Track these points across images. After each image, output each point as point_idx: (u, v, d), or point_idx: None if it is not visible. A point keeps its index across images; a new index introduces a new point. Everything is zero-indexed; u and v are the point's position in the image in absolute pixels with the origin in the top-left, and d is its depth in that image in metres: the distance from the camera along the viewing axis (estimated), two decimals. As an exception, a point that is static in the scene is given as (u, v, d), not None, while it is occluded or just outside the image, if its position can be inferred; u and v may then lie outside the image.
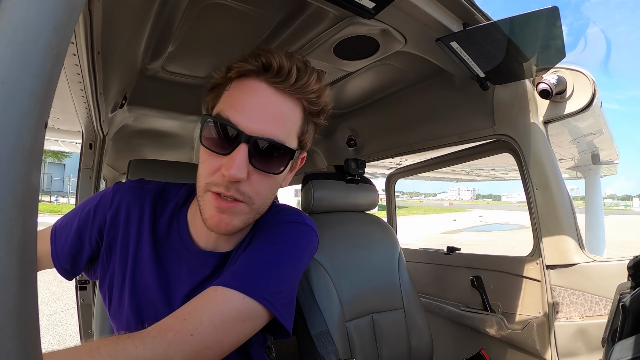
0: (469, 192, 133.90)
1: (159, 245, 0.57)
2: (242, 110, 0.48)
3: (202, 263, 0.57)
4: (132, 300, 0.56)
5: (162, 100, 1.56)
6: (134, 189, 0.60)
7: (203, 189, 0.50)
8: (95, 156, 1.56)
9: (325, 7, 0.85)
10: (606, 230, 4.04)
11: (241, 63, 0.49)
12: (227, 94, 0.51)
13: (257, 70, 0.49)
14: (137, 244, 0.57)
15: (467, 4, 0.87)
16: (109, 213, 0.58)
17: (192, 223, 0.58)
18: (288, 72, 0.49)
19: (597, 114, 1.64)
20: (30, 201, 0.20)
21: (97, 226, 0.57)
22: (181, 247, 0.57)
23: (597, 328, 0.99)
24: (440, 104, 1.42)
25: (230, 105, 0.49)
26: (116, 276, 0.58)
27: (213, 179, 0.49)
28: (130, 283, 0.57)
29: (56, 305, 3.81)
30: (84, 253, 0.58)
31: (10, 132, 0.18)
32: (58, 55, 0.21)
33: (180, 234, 0.58)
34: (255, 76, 0.49)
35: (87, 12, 0.70)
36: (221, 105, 0.50)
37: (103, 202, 0.59)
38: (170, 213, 0.59)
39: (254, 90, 0.49)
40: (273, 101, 0.50)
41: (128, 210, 0.58)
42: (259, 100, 0.49)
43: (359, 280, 1.11)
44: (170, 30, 1.04)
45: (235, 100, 0.49)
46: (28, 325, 0.19)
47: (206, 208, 0.50)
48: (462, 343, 1.46)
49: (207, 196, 0.50)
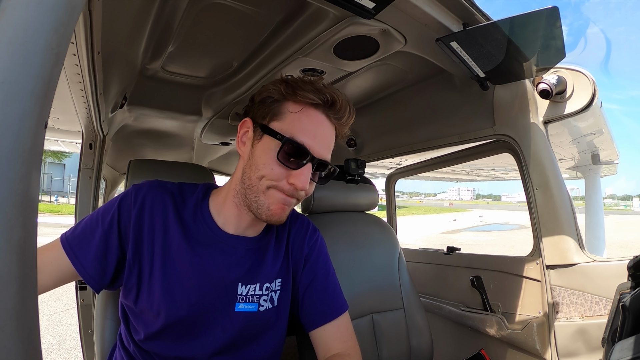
0: (469, 192, 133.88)
1: (189, 233, 0.64)
2: (314, 138, 0.60)
3: (234, 246, 0.66)
4: (164, 287, 0.61)
5: (162, 100, 1.56)
6: (154, 186, 0.66)
7: (266, 187, 0.60)
8: (95, 156, 1.56)
9: (325, 7, 0.85)
10: (606, 230, 4.04)
11: (308, 95, 0.60)
12: (294, 117, 0.60)
13: (323, 104, 0.61)
14: (165, 233, 0.63)
15: (467, 4, 0.87)
16: (133, 210, 0.63)
17: (219, 214, 0.67)
18: (344, 110, 0.63)
19: (597, 114, 1.63)
20: (30, 201, 0.20)
21: (123, 225, 0.62)
22: (210, 234, 0.65)
23: (597, 328, 0.99)
24: (440, 104, 1.42)
25: (302, 131, 0.60)
26: (144, 267, 0.62)
27: (279, 184, 0.60)
28: (160, 271, 0.61)
29: (56, 305, 3.81)
30: (110, 256, 0.61)
31: (10, 132, 0.18)
32: (58, 55, 0.21)
33: (208, 223, 0.66)
34: (319, 109, 0.61)
35: (87, 12, 0.70)
36: (292, 129, 0.60)
37: (126, 201, 0.64)
38: (193, 206, 0.67)
39: (321, 122, 0.62)
40: (331, 132, 0.64)
41: (152, 204, 0.64)
42: (323, 131, 0.62)
43: (359, 280, 1.11)
44: (170, 30, 1.04)
45: (307, 127, 0.60)
46: (28, 325, 0.19)
47: (270, 202, 0.61)
48: (462, 343, 1.46)
49: (272, 192, 0.61)
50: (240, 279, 0.65)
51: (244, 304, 0.65)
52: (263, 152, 0.61)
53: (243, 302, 0.65)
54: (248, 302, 0.65)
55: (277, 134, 0.59)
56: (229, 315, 0.64)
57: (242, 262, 0.66)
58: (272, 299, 0.68)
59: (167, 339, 0.62)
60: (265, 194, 0.61)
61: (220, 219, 0.67)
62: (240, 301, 0.65)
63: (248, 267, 0.66)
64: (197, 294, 0.62)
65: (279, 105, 0.61)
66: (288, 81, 0.62)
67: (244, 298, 0.65)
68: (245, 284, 0.65)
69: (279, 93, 0.61)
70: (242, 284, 0.65)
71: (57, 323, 3.30)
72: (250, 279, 0.66)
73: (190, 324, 0.62)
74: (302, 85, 0.61)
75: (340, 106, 0.62)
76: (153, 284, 0.61)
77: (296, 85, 0.61)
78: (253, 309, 0.66)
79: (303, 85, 0.60)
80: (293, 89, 0.60)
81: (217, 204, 0.68)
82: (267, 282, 0.67)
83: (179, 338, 0.62)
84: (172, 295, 0.61)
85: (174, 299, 0.61)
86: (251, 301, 0.66)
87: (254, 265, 0.67)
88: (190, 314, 0.61)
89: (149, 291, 0.61)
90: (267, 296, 0.68)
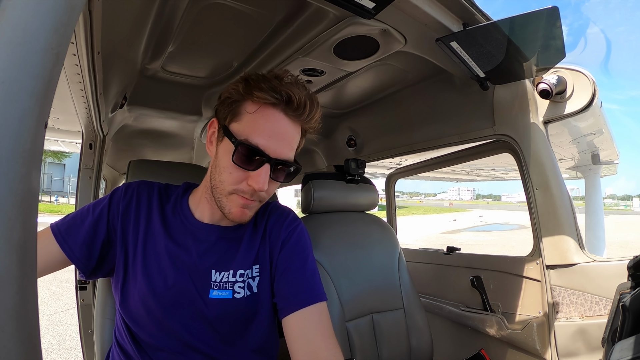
0: (469, 192, 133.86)
1: (167, 223, 0.69)
2: (269, 138, 0.60)
3: (207, 234, 0.69)
4: (144, 270, 0.64)
5: (162, 100, 1.56)
6: (143, 184, 0.72)
7: (228, 192, 0.62)
8: (95, 156, 1.56)
9: (325, 7, 0.85)
10: (606, 230, 4.04)
11: (264, 95, 0.58)
12: (250, 118, 0.60)
13: (279, 103, 0.59)
14: (148, 223, 0.68)
15: (467, 4, 0.87)
16: (122, 203, 0.68)
17: (197, 208, 0.71)
18: (303, 107, 0.61)
19: (597, 114, 1.64)
20: (30, 201, 0.20)
21: (112, 215, 0.67)
22: (186, 223, 0.69)
23: (597, 328, 0.99)
24: (440, 104, 1.42)
25: (256, 131, 0.59)
26: (129, 253, 0.66)
27: (239, 187, 0.62)
28: (142, 256, 0.65)
29: (56, 305, 3.81)
30: (97, 241, 0.65)
31: (10, 132, 0.18)
32: (58, 55, 0.21)
33: (185, 214, 0.70)
34: (277, 107, 0.60)
35: (87, 12, 0.70)
36: (247, 130, 0.60)
37: (116, 195, 0.69)
38: (173, 201, 0.72)
39: (277, 120, 0.60)
40: (290, 130, 0.62)
41: (139, 198, 0.69)
42: (281, 130, 0.61)
43: (359, 280, 1.11)
44: (170, 30, 1.04)
45: (262, 127, 0.60)
46: (28, 325, 0.19)
47: (231, 205, 0.63)
48: (462, 343, 1.46)
49: (233, 197, 0.63)
50: (213, 266, 0.67)
51: (217, 290, 0.66)
52: (223, 155, 0.62)
53: (217, 288, 0.66)
54: (222, 289, 0.66)
55: (232, 137, 0.60)
56: (205, 301, 0.65)
57: (215, 249, 0.68)
58: (250, 285, 0.68)
59: (153, 325, 0.64)
60: (227, 198, 0.63)
61: (197, 212, 0.70)
62: (214, 287, 0.66)
63: (221, 254, 0.68)
64: (172, 277, 0.64)
65: (237, 105, 0.61)
66: (248, 79, 0.61)
67: (218, 285, 0.66)
68: (218, 271, 0.67)
69: (237, 93, 0.61)
70: (216, 271, 0.67)
71: (57, 323, 3.30)
72: (223, 266, 0.67)
73: (169, 305, 0.64)
74: (260, 84, 0.59)
75: (298, 103, 0.60)
76: (136, 269, 0.65)
77: (254, 85, 0.60)
78: (227, 296, 0.66)
79: (261, 84, 0.59)
80: (250, 88, 0.60)
81: (195, 199, 0.72)
82: (240, 269, 0.68)
83: (162, 323, 0.64)
84: (151, 278, 0.64)
85: (151, 281, 0.64)
86: (224, 288, 0.66)
87: (228, 252, 0.69)
88: (168, 295, 0.64)
89: (133, 276, 0.65)
90: (243, 283, 0.67)
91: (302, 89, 0.61)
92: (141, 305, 0.64)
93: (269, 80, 0.60)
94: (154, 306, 0.63)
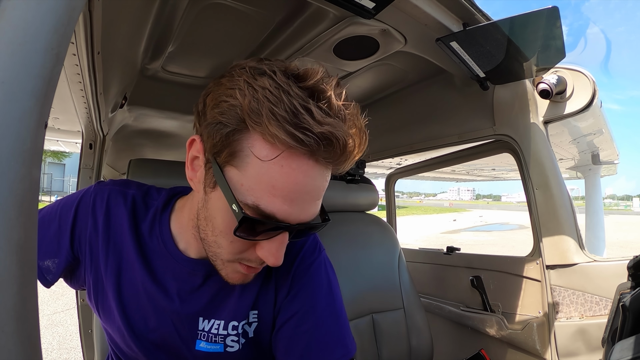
0: (469, 192, 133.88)
1: (144, 246, 0.53)
2: (291, 201, 0.39)
3: (192, 272, 0.52)
4: (119, 305, 0.52)
5: (162, 100, 1.56)
6: (115, 192, 0.55)
7: (227, 259, 0.45)
8: (95, 156, 1.56)
9: (325, 7, 0.85)
10: (606, 230, 4.04)
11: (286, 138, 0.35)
12: (262, 169, 0.37)
13: (311, 148, 0.36)
14: (121, 247, 0.53)
15: (467, 4, 0.87)
16: (90, 218, 0.53)
17: (180, 236, 0.53)
18: (349, 153, 0.39)
19: (597, 114, 1.64)
20: (30, 201, 0.20)
21: (78, 231, 0.53)
22: (166, 254, 0.52)
23: (597, 328, 0.99)
24: (440, 104, 1.42)
25: (272, 192, 0.38)
26: (100, 282, 0.53)
27: (244, 256, 0.45)
28: (115, 290, 0.52)
29: (56, 305, 3.81)
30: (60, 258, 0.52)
31: (10, 132, 0.18)
32: (58, 55, 0.21)
33: (165, 241, 0.52)
34: (308, 154, 0.37)
35: (87, 12, 0.70)
36: (257, 188, 0.38)
37: (83, 206, 0.54)
38: (151, 217, 0.54)
39: (303, 172, 0.38)
40: (322, 183, 0.41)
41: (108, 213, 0.53)
42: (308, 187, 0.39)
43: (359, 280, 1.11)
44: (170, 30, 1.04)
45: (281, 187, 0.38)
46: (28, 325, 0.19)
47: (229, 270, 0.47)
48: (462, 343, 1.46)
49: (234, 265, 0.46)
50: (200, 313, 0.52)
51: (206, 343, 0.52)
52: (218, 213, 0.42)
53: (205, 340, 0.52)
54: (211, 342, 0.52)
55: (233, 196, 0.38)
56: (192, 352, 0.52)
57: (202, 292, 0.52)
58: (246, 332, 0.53)
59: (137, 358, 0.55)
60: (225, 264, 0.46)
61: (181, 242, 0.53)
62: (201, 338, 0.52)
63: (210, 298, 0.52)
64: (153, 320, 0.51)
65: (237, 139, 0.38)
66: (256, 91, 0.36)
67: (206, 335, 0.52)
68: (207, 318, 0.52)
69: (236, 118, 0.37)
70: (204, 319, 0.52)
71: (57, 323, 3.30)
72: (213, 312, 0.52)
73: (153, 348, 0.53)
74: (277, 113, 0.35)
75: (342, 149, 0.38)
76: (110, 304, 0.52)
77: (270, 110, 0.35)
78: (218, 349, 0.52)
79: (279, 112, 0.35)
80: (260, 118, 0.35)
81: (179, 224, 0.53)
82: (234, 320, 0.52)
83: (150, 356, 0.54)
84: (128, 317, 0.52)
85: (129, 320, 0.52)
86: (214, 341, 0.52)
87: (219, 296, 0.52)
88: (150, 338, 0.52)
89: (108, 309, 0.53)
90: (237, 336, 0.52)
91: (352, 119, 0.40)
92: (121, 340, 0.53)
93: (295, 109, 0.35)
94: (134, 346, 0.52)
